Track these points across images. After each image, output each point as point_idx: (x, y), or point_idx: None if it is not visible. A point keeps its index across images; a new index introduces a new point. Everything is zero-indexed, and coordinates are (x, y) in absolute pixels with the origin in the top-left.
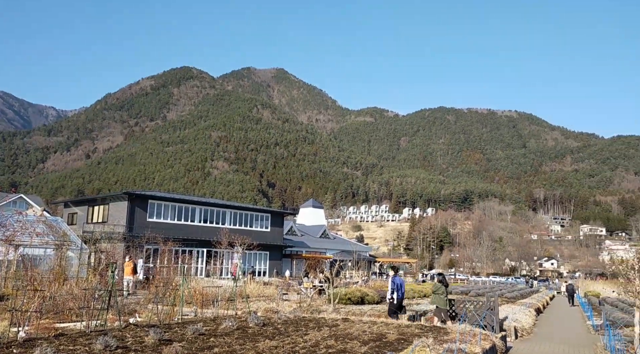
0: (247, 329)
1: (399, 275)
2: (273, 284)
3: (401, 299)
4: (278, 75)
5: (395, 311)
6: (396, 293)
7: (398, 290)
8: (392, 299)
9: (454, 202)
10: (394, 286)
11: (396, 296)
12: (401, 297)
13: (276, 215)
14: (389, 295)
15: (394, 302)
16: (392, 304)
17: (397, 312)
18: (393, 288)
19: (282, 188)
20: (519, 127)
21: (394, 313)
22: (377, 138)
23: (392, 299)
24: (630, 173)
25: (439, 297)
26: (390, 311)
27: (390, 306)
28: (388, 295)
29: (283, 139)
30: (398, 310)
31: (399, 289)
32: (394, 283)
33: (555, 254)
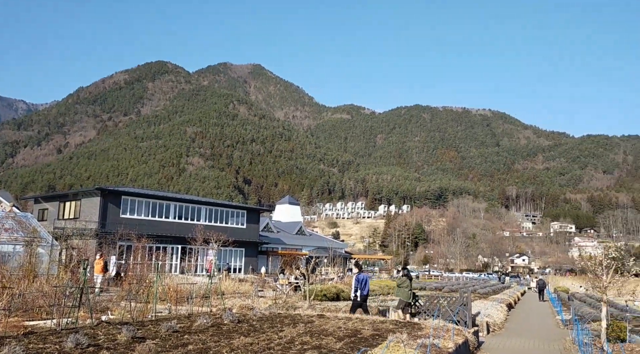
0: (222, 326)
1: (363, 272)
2: (249, 281)
3: (365, 296)
4: (255, 71)
5: (359, 307)
6: (359, 291)
7: (362, 288)
8: (356, 297)
9: (429, 199)
10: (358, 283)
11: (359, 294)
12: (365, 294)
13: (252, 212)
14: (353, 293)
15: (357, 299)
16: (356, 301)
17: (361, 307)
18: (357, 286)
19: (258, 184)
20: (492, 125)
21: (357, 308)
22: (354, 135)
23: (356, 296)
24: (599, 172)
25: (402, 290)
26: (353, 308)
27: (354, 303)
28: (352, 292)
29: (259, 135)
30: (362, 305)
31: (363, 286)
32: (357, 280)
33: (526, 250)
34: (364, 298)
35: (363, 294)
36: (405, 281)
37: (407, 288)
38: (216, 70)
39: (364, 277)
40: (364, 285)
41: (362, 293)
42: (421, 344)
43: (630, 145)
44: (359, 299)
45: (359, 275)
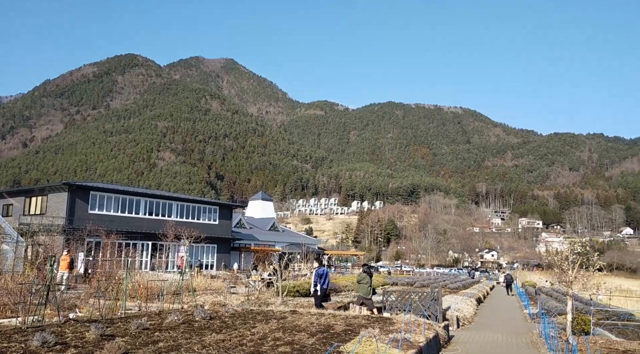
0: (194, 323)
1: (323, 266)
2: (221, 277)
3: (326, 289)
4: (227, 66)
5: (321, 302)
6: (319, 285)
7: (323, 282)
8: (316, 291)
9: (401, 196)
10: (317, 278)
11: (320, 288)
12: (326, 288)
13: (224, 208)
14: (313, 287)
15: (318, 293)
16: (317, 295)
17: (321, 302)
18: (316, 281)
19: (231, 180)
20: (463, 123)
21: (319, 304)
22: (327, 131)
23: (316, 291)
24: (565, 169)
25: (362, 286)
26: (316, 303)
27: (315, 298)
28: (312, 287)
29: (232, 131)
30: (323, 300)
31: (323, 281)
32: (317, 275)
33: (495, 246)
34: (324, 292)
35: (323, 288)
36: (365, 277)
37: (366, 284)
38: (188, 64)
39: (323, 271)
40: (324, 279)
41: (323, 287)
42: (393, 338)
43: (595, 143)
44: (319, 293)
45: (319, 269)
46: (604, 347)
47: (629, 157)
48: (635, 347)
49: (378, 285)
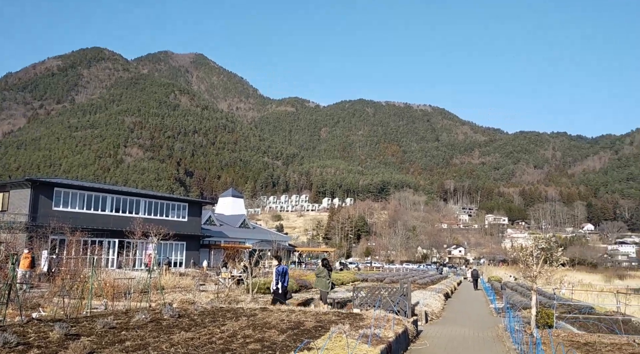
0: (162, 322)
1: (283, 264)
2: (190, 275)
3: (286, 287)
4: (197, 61)
5: (281, 298)
6: (280, 283)
7: (283, 279)
8: (277, 289)
9: (372, 192)
10: (278, 276)
11: (280, 285)
12: (286, 285)
13: (194, 205)
14: (274, 285)
15: (278, 291)
16: (277, 293)
17: (283, 299)
18: (277, 279)
19: (201, 176)
20: (432, 121)
21: (279, 299)
22: (298, 128)
23: (277, 289)
24: (530, 167)
25: (321, 280)
26: (274, 300)
27: (275, 295)
28: (272, 285)
29: (202, 127)
30: (283, 298)
31: (283, 278)
32: (277, 272)
33: (463, 242)
34: (285, 289)
35: (284, 285)
36: (323, 271)
37: (325, 278)
38: (156, 59)
39: (283, 269)
40: (284, 277)
41: (283, 285)
42: (363, 334)
43: (559, 142)
44: (280, 291)
45: (278, 267)
46: (566, 340)
47: (590, 155)
48: (595, 339)
49: (348, 281)
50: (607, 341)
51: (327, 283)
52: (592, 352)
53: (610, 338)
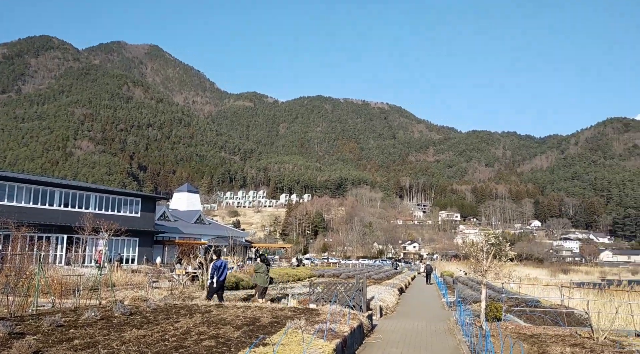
0: (112, 319)
1: (221, 259)
2: (142, 271)
3: (222, 281)
4: (152, 52)
5: (216, 293)
6: (216, 277)
7: (220, 274)
8: (212, 283)
9: (329, 189)
10: (215, 270)
11: (216, 280)
12: (222, 280)
13: (147, 200)
14: (209, 279)
15: (214, 285)
16: (212, 287)
17: (219, 294)
18: (213, 273)
19: (155, 171)
20: (389, 118)
21: (214, 294)
22: (256, 123)
23: (212, 283)
24: (482, 165)
25: (260, 275)
26: (209, 294)
27: (210, 289)
28: (208, 279)
29: (157, 120)
30: (219, 292)
31: (221, 273)
32: (215, 267)
33: (417, 238)
34: (221, 284)
35: (220, 280)
36: (261, 266)
37: (263, 273)
38: (109, 49)
39: (221, 263)
40: (221, 272)
41: (219, 279)
42: (318, 329)
43: (509, 141)
44: (215, 286)
45: (216, 261)
46: (513, 332)
47: (538, 154)
48: (541, 331)
49: (305, 276)
50: (552, 333)
51: (266, 278)
52: (538, 344)
53: (554, 329)
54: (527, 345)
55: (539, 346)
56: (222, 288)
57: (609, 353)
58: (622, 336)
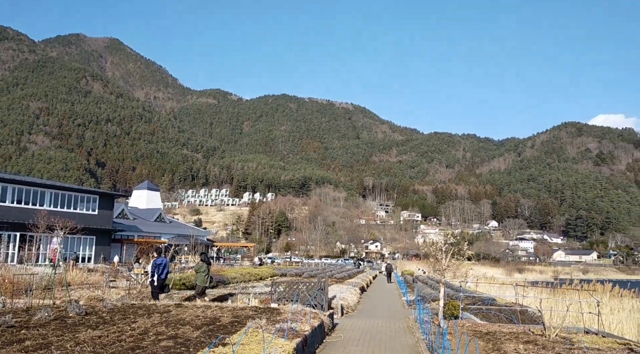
0: (67, 320)
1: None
2: (99, 271)
3: (163, 280)
4: (112, 46)
5: (156, 293)
6: (157, 275)
7: (161, 272)
8: (152, 281)
9: (293, 188)
10: (155, 268)
11: (157, 278)
12: (163, 278)
13: (105, 197)
14: (150, 278)
15: (154, 284)
16: (153, 285)
17: (158, 293)
18: (154, 271)
19: (114, 168)
20: (353, 119)
21: (155, 294)
22: (220, 121)
23: (152, 281)
24: (442, 166)
25: (200, 275)
26: (152, 293)
27: (151, 288)
28: (149, 277)
29: (116, 115)
30: (160, 291)
31: (161, 271)
32: (155, 265)
33: (379, 237)
34: (161, 283)
35: (161, 278)
36: (202, 266)
37: (204, 273)
38: (67, 41)
39: (162, 261)
40: (162, 270)
41: (160, 278)
42: (279, 328)
43: (469, 143)
44: (155, 284)
45: (157, 259)
46: (470, 330)
47: (496, 156)
48: (496, 329)
49: (267, 276)
50: (506, 331)
51: (206, 278)
52: (493, 341)
53: (509, 327)
54: (483, 342)
55: (494, 343)
56: (162, 286)
57: (559, 349)
58: (572, 333)
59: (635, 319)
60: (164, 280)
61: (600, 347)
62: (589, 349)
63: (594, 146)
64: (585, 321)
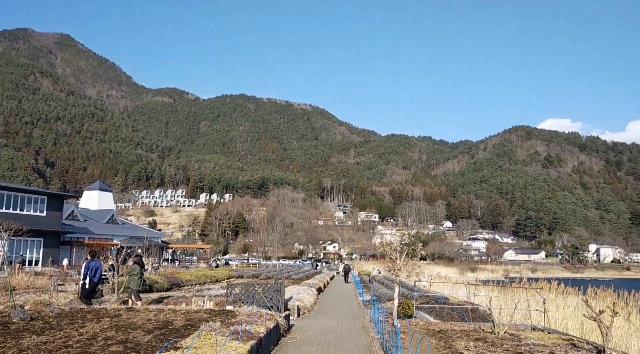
0: (10, 325)
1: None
2: (47, 274)
3: (96, 283)
4: (63, 42)
5: (87, 296)
6: (88, 278)
7: (93, 275)
8: (84, 284)
9: (251, 189)
10: (87, 271)
11: (88, 281)
12: (96, 281)
13: (54, 198)
14: (82, 280)
15: (86, 287)
16: (85, 289)
17: (89, 297)
18: (86, 273)
19: (64, 168)
20: (312, 120)
21: (86, 297)
22: (176, 120)
23: (84, 284)
24: (399, 168)
25: (133, 278)
26: (82, 296)
27: (82, 291)
28: (81, 280)
29: (67, 113)
30: (91, 294)
31: (94, 274)
32: (87, 267)
33: (337, 238)
34: (94, 286)
35: (93, 281)
36: (135, 269)
37: (137, 276)
38: (14, 36)
39: (95, 264)
40: (94, 273)
41: (92, 281)
42: (233, 331)
43: (425, 145)
44: (87, 287)
45: (90, 262)
46: (423, 328)
47: (451, 158)
48: (448, 327)
49: (223, 278)
50: (458, 328)
51: (139, 280)
52: (445, 339)
53: (460, 325)
54: (435, 340)
55: (446, 341)
56: (94, 290)
57: (507, 346)
58: (520, 330)
59: (578, 316)
60: (97, 284)
61: (545, 343)
62: (535, 345)
63: (543, 149)
64: (533, 318)
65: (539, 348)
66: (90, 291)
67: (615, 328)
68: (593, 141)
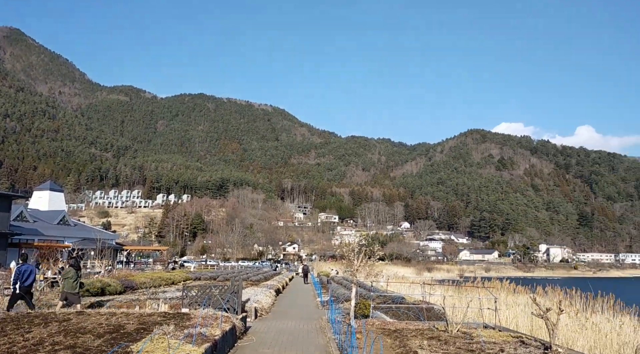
0: None
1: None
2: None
3: (27, 287)
4: (12, 36)
5: (16, 301)
6: (19, 282)
7: (25, 279)
8: (15, 289)
9: (210, 189)
10: (19, 274)
11: (19, 285)
12: (28, 285)
13: (1, 198)
14: (12, 285)
15: (16, 291)
16: (15, 294)
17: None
18: (16, 278)
19: (12, 167)
20: (273, 120)
21: (15, 302)
22: (132, 119)
23: (15, 288)
24: (359, 169)
25: (68, 281)
26: (10, 301)
27: (11, 296)
28: (11, 285)
29: (16, 111)
30: (22, 299)
31: (26, 278)
32: (19, 271)
33: (297, 239)
34: (26, 290)
35: (24, 285)
36: (69, 272)
37: (71, 278)
38: None
39: (28, 268)
40: (27, 277)
41: (23, 285)
42: (188, 334)
43: (384, 147)
44: (18, 291)
45: (22, 266)
46: (379, 328)
47: (409, 160)
48: (404, 326)
49: (179, 280)
50: (413, 328)
51: (75, 284)
52: (400, 338)
53: (415, 324)
54: (390, 339)
55: (401, 340)
56: (28, 293)
57: (459, 344)
58: (473, 328)
59: (528, 314)
60: (29, 288)
61: (496, 341)
62: (486, 343)
63: (496, 152)
64: (485, 316)
65: (489, 345)
66: (22, 296)
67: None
68: (544, 145)
